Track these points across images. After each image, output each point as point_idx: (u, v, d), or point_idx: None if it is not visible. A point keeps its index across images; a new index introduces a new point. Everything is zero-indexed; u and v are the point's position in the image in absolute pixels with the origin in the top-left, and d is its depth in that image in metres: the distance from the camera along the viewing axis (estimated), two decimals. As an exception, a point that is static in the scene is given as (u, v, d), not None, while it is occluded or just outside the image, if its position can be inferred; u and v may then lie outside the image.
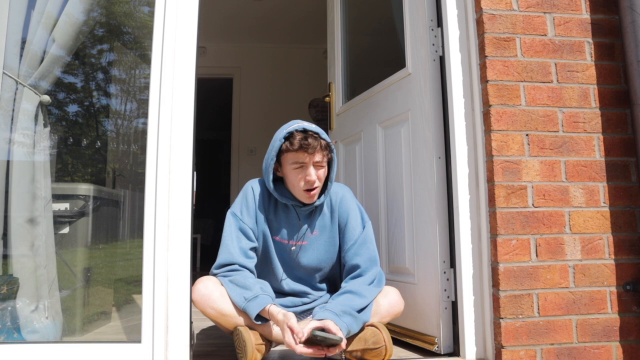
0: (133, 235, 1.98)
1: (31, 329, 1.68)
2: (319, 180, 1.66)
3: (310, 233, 1.75)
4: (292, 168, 1.66)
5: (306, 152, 1.62)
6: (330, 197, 1.78)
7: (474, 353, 1.64)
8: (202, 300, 1.60)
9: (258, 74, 5.36)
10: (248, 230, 1.69)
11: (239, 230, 1.68)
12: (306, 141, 1.61)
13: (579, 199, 1.64)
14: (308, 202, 1.69)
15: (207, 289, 1.61)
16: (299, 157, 1.63)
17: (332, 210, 1.77)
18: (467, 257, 1.68)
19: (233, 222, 1.70)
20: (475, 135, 1.72)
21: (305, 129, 1.64)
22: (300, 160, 1.64)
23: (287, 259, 1.76)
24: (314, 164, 1.65)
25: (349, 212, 1.76)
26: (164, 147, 1.65)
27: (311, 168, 1.64)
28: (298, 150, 1.62)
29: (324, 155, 1.67)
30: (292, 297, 1.78)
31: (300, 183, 1.65)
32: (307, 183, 1.65)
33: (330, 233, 1.76)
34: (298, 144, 1.61)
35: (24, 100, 1.79)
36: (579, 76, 1.71)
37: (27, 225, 1.76)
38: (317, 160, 1.65)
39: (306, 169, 1.64)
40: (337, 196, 1.78)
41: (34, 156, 1.80)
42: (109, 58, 2.27)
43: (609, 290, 1.61)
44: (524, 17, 1.71)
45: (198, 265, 5.48)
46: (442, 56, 1.84)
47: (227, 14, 4.70)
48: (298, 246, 1.74)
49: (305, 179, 1.64)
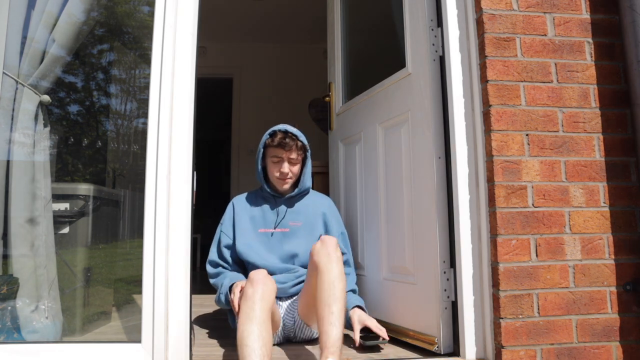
0: (133, 235, 1.98)
1: (31, 329, 1.68)
2: (292, 173, 2.01)
3: (292, 222, 2.03)
4: (271, 161, 2.01)
5: (283, 148, 1.96)
6: (316, 198, 2.15)
7: (474, 353, 1.64)
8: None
9: (258, 74, 5.36)
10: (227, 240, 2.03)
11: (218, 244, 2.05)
12: (284, 140, 1.95)
13: (579, 199, 1.64)
14: (281, 187, 2.03)
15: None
16: (277, 152, 1.98)
17: (316, 206, 2.10)
18: (467, 257, 1.68)
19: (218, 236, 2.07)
20: (475, 135, 1.72)
21: (287, 130, 1.99)
22: (278, 155, 1.99)
23: (273, 246, 2.01)
24: (289, 160, 2.00)
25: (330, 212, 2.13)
26: (164, 147, 1.65)
27: (285, 163, 1.99)
28: (277, 147, 1.97)
29: (299, 155, 2.01)
30: (285, 274, 1.97)
31: (276, 174, 2.00)
32: (281, 174, 1.99)
33: (312, 226, 2.05)
34: (277, 141, 1.95)
35: (24, 100, 1.79)
36: (579, 76, 1.71)
37: (27, 225, 1.76)
38: (292, 157, 1.99)
39: (282, 163, 1.99)
40: (324, 200, 2.18)
41: (34, 156, 1.80)
42: (109, 58, 2.27)
43: (609, 290, 1.61)
44: (524, 17, 1.71)
45: (198, 265, 5.48)
46: (442, 56, 1.84)
47: (227, 14, 4.70)
48: (280, 233, 2.02)
49: (280, 170, 1.99)
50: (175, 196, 1.63)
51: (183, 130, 1.67)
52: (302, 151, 2.03)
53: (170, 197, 1.63)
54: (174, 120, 1.67)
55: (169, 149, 1.65)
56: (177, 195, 1.64)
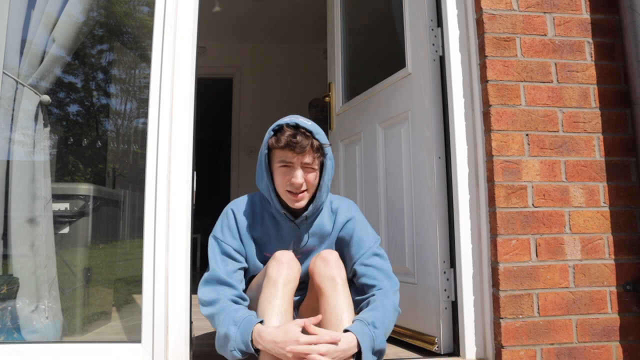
0: (133, 235, 1.98)
1: (31, 329, 1.68)
2: (307, 184, 1.44)
3: (306, 247, 1.55)
4: (278, 166, 1.44)
5: (293, 151, 1.39)
6: (336, 214, 1.57)
7: (474, 353, 1.64)
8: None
9: (258, 74, 5.36)
10: (231, 251, 1.50)
11: (222, 254, 1.50)
12: (295, 139, 1.38)
13: (579, 199, 1.64)
14: (293, 206, 1.48)
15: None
16: (286, 155, 1.41)
17: (335, 226, 1.56)
18: (467, 257, 1.68)
19: (215, 246, 1.51)
20: (475, 135, 1.72)
21: (298, 124, 1.41)
22: (287, 159, 1.42)
23: None
24: (303, 166, 1.42)
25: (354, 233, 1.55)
26: (163, 147, 1.65)
27: (299, 170, 1.42)
28: (284, 148, 1.40)
29: (315, 158, 1.44)
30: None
31: (286, 186, 1.44)
32: (292, 186, 1.43)
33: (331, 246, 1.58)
34: (285, 141, 1.38)
35: (24, 100, 1.79)
36: (579, 76, 1.71)
37: (27, 225, 1.76)
38: (306, 162, 1.42)
39: (293, 171, 1.42)
40: (344, 215, 1.57)
41: (34, 156, 1.80)
42: (109, 58, 2.27)
43: (609, 290, 1.61)
44: (524, 17, 1.71)
45: (198, 265, 5.48)
46: (442, 56, 1.84)
47: (227, 14, 4.70)
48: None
49: (290, 181, 1.42)
50: (175, 196, 1.63)
51: (183, 130, 1.67)
52: (320, 153, 1.44)
53: (170, 197, 1.63)
54: (174, 120, 1.67)
55: (169, 149, 1.65)
56: (177, 195, 1.64)
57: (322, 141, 1.44)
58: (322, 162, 1.48)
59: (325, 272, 1.38)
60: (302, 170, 1.43)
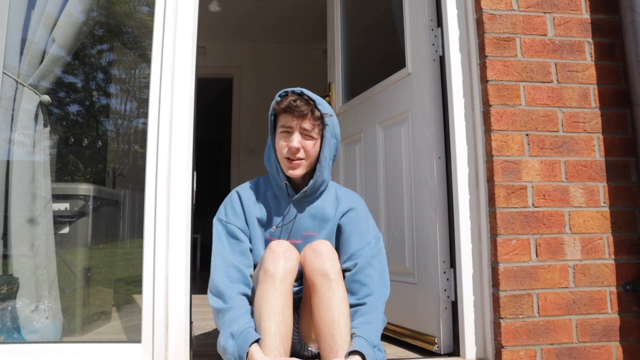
0: (133, 235, 1.98)
1: (31, 329, 1.68)
2: (305, 151, 1.47)
3: (305, 231, 1.54)
4: (279, 132, 1.50)
5: (292, 114, 1.44)
6: (340, 201, 1.57)
7: (474, 353, 1.64)
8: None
9: (258, 74, 5.36)
10: (236, 231, 1.51)
11: (228, 236, 1.51)
12: (295, 103, 1.43)
13: (579, 199, 1.64)
14: (288, 173, 1.50)
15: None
16: (286, 120, 1.47)
17: (337, 212, 1.56)
18: (467, 257, 1.68)
19: (221, 229, 1.52)
20: (475, 135, 1.72)
21: (303, 92, 1.47)
22: (287, 124, 1.47)
23: None
24: (302, 131, 1.47)
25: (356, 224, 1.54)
26: (163, 147, 1.65)
27: (296, 134, 1.46)
28: (285, 111, 1.46)
29: (315, 126, 1.47)
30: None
31: (284, 150, 1.47)
32: (289, 151, 1.46)
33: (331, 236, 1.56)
34: (286, 104, 1.44)
35: (24, 99, 1.79)
36: (579, 76, 1.71)
37: (27, 225, 1.76)
38: (305, 128, 1.46)
39: (291, 134, 1.47)
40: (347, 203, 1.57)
41: (34, 156, 1.81)
42: (109, 58, 2.27)
43: (609, 290, 1.61)
44: (524, 17, 1.71)
45: (198, 265, 5.48)
46: (442, 56, 1.84)
47: (227, 14, 4.70)
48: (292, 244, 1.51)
49: (288, 145, 1.46)
50: (175, 196, 1.63)
51: (183, 130, 1.67)
52: (320, 122, 1.48)
53: (170, 197, 1.63)
54: (174, 120, 1.67)
55: (169, 149, 1.65)
56: (177, 195, 1.64)
57: (324, 111, 1.48)
58: (322, 134, 1.50)
59: (317, 266, 1.36)
60: (300, 135, 1.47)
